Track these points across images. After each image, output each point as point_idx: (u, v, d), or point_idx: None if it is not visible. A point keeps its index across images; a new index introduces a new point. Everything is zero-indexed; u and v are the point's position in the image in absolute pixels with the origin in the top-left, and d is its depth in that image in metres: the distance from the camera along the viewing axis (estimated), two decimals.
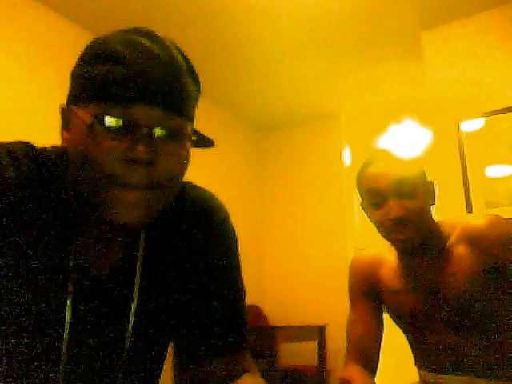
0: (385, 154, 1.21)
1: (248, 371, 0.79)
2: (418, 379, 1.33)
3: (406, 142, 4.87)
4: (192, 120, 0.66)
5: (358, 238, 4.72)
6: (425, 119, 4.41)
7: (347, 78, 3.82)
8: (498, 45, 2.91)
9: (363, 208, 1.25)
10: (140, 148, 0.60)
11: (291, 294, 4.29)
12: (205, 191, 0.83)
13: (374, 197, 1.17)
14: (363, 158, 1.28)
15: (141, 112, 0.60)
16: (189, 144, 0.66)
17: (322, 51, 3.44)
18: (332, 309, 4.01)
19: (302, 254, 4.34)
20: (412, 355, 1.34)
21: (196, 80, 0.68)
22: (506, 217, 1.18)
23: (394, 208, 1.13)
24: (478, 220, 1.17)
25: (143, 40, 0.63)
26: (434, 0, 2.90)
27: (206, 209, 0.80)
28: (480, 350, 1.15)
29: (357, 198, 4.97)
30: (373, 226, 1.22)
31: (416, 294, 1.20)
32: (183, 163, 0.65)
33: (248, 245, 4.31)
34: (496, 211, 2.68)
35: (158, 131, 0.62)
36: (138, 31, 0.65)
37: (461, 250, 1.17)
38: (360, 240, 5.03)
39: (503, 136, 2.80)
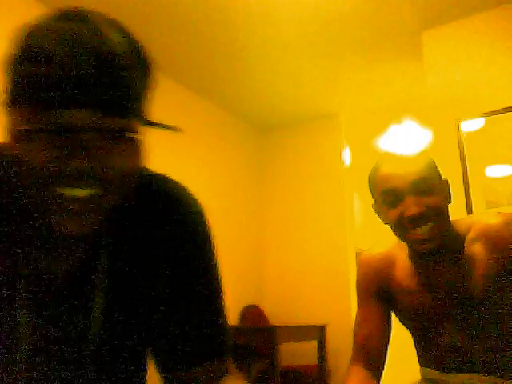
0: (395, 154, 1.17)
1: (229, 375, 0.75)
2: (418, 378, 1.32)
3: (406, 142, 4.88)
4: (136, 114, 0.58)
5: (358, 237, 4.72)
6: (425, 119, 4.41)
7: (347, 78, 3.82)
8: (498, 45, 2.91)
9: (375, 210, 1.21)
10: (75, 158, 0.53)
11: (291, 294, 4.29)
12: (175, 183, 0.75)
13: (390, 195, 1.12)
14: (363, 158, 1.26)
15: (74, 116, 0.53)
16: (136, 140, 0.59)
17: (322, 51, 3.44)
18: (332, 309, 4.00)
19: (302, 254, 4.34)
20: (413, 354, 1.33)
21: (142, 63, 0.59)
22: None
23: (411, 205, 1.09)
24: (494, 219, 1.15)
25: (74, 28, 0.54)
26: (434, 0, 2.90)
27: (174, 202, 0.73)
28: (492, 350, 1.14)
29: (358, 198, 4.95)
30: (372, 226, 1.20)
31: (431, 294, 1.18)
32: (132, 161, 0.59)
33: (248, 245, 4.31)
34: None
35: (94, 135, 0.54)
36: (69, 16, 0.57)
37: (477, 250, 1.14)
38: (360, 240, 5.03)
39: (503, 136, 2.80)
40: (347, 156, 4.49)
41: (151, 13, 2.96)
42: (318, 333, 3.72)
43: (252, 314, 4.02)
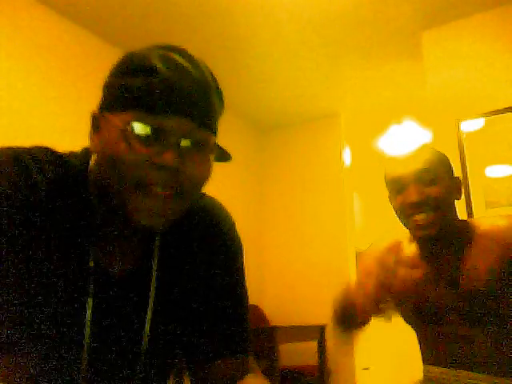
0: (407, 149, 1.30)
1: (251, 372, 0.82)
2: (418, 378, 1.33)
3: (406, 142, 4.87)
4: (216, 133, 0.70)
5: (358, 237, 4.72)
6: (425, 119, 4.40)
7: (347, 78, 3.82)
8: (498, 45, 2.90)
9: (389, 200, 1.32)
10: (167, 155, 0.63)
11: (291, 294, 4.29)
12: (212, 199, 0.88)
13: (396, 184, 1.25)
14: (363, 158, 1.33)
15: (171, 122, 0.64)
16: (212, 156, 0.70)
17: (322, 51, 3.44)
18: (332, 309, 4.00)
19: (302, 254, 4.34)
20: (413, 354, 1.35)
21: (221, 97, 0.73)
22: None
23: (413, 193, 1.20)
24: (501, 220, 1.23)
25: (178, 57, 0.67)
26: (434, 0, 2.90)
27: (214, 217, 0.85)
28: (491, 344, 1.18)
29: (358, 198, 4.94)
30: (372, 226, 1.24)
31: (435, 284, 1.24)
32: (206, 173, 0.70)
33: (248, 245, 4.28)
34: (496, 211, 2.68)
35: (185, 141, 0.65)
36: (172, 48, 0.69)
37: (483, 246, 1.21)
38: (360, 240, 5.03)
39: (503, 136, 2.80)
40: (347, 156, 4.49)
41: (150, 13, 2.96)
42: (318, 333, 3.72)
43: (252, 314, 4.02)
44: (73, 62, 2.98)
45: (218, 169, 0.67)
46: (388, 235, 1.41)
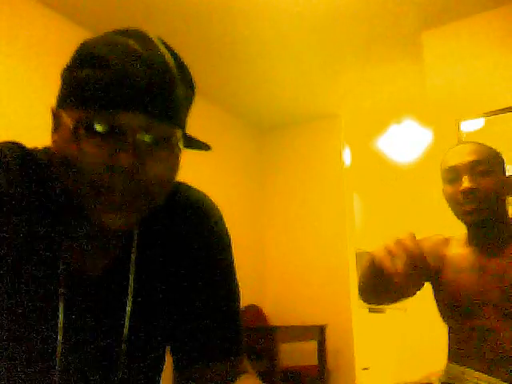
0: (463, 143, 1.38)
1: (244, 373, 0.78)
2: (418, 378, 1.36)
3: (406, 142, 4.88)
4: (182, 126, 0.64)
5: (358, 238, 4.72)
6: (425, 119, 4.40)
7: (347, 78, 3.82)
8: (498, 45, 2.90)
9: (443, 190, 1.38)
10: (122, 155, 0.58)
11: (291, 293, 4.29)
12: (198, 192, 0.82)
13: (451, 174, 1.33)
14: (363, 158, 1.35)
15: (125, 118, 0.58)
16: (177, 150, 0.64)
17: (322, 51, 3.44)
18: (332, 309, 4.00)
19: (302, 254, 4.34)
20: (415, 352, 1.38)
21: (189, 83, 0.65)
22: None
23: (466, 181, 1.28)
24: None
25: (131, 42, 0.60)
26: (434, 0, 2.90)
27: (199, 210, 0.79)
28: None
29: (358, 198, 4.92)
30: (372, 226, 1.25)
31: (479, 274, 1.28)
32: (171, 169, 0.64)
33: (248, 245, 4.30)
34: None
35: (142, 137, 0.59)
36: (128, 33, 0.62)
37: None
38: (360, 240, 5.03)
39: (503, 136, 2.80)
40: (347, 156, 4.49)
41: (150, 12, 2.96)
42: (318, 333, 3.72)
43: (252, 314, 4.02)
44: None
45: (217, 168, 0.66)
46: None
